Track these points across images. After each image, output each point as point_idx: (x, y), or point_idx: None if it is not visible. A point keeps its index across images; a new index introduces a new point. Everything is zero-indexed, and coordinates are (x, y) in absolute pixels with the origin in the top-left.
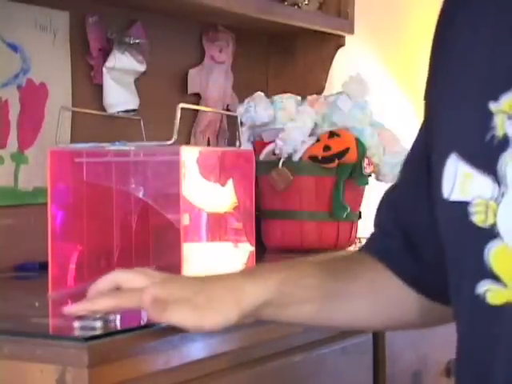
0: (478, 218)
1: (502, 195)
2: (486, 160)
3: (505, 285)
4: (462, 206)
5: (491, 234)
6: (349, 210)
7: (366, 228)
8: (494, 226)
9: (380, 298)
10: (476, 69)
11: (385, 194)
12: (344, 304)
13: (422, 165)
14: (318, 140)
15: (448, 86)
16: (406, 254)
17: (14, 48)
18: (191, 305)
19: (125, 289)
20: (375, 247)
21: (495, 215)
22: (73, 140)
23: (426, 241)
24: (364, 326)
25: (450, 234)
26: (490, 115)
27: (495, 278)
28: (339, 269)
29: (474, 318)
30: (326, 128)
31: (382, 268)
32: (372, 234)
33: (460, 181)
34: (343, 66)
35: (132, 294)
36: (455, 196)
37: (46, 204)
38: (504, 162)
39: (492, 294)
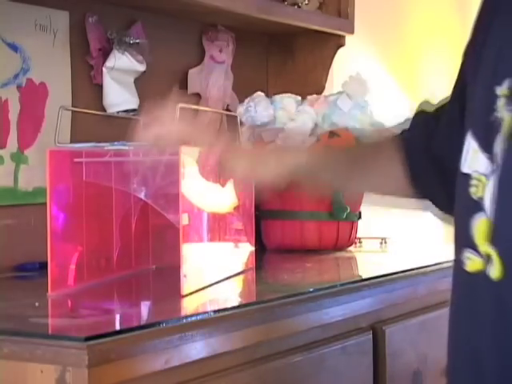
0: (472, 190)
1: (492, 173)
2: (486, 139)
3: (480, 254)
4: (467, 178)
5: (479, 206)
6: (349, 210)
7: (366, 228)
8: (481, 199)
9: (385, 185)
10: (493, 55)
11: (426, 113)
12: (356, 181)
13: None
14: (317, 140)
15: (480, 62)
16: (424, 163)
17: (14, 48)
18: (247, 159)
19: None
20: (403, 140)
21: (483, 190)
22: (72, 140)
23: (444, 164)
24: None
25: (456, 202)
26: (495, 98)
27: (475, 248)
28: (361, 157)
29: (457, 284)
30: (326, 128)
31: (399, 164)
32: (412, 123)
33: (470, 156)
34: (343, 66)
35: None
36: (465, 169)
37: (45, 204)
38: (497, 142)
39: (469, 261)
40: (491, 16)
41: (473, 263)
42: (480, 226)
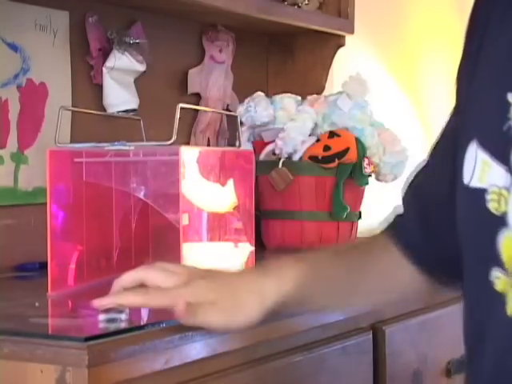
0: (492, 205)
1: None
2: (501, 149)
3: (507, 272)
4: (480, 193)
5: (503, 221)
6: (349, 209)
7: (366, 228)
8: (505, 214)
9: (392, 287)
10: (499, 60)
11: (415, 173)
12: (358, 297)
13: (448, 148)
14: (318, 140)
15: (476, 74)
16: (421, 236)
17: (14, 48)
18: (218, 308)
19: (150, 286)
20: (393, 230)
21: (506, 204)
22: (73, 140)
23: (442, 225)
24: (373, 305)
25: (468, 219)
26: (507, 106)
27: (502, 265)
28: (355, 262)
29: (485, 304)
30: (326, 128)
31: (397, 254)
32: (396, 215)
33: (479, 168)
34: (343, 66)
35: (160, 294)
36: (475, 183)
37: (45, 204)
38: None
39: (499, 281)
40: (485, 22)
41: (502, 282)
42: (508, 243)
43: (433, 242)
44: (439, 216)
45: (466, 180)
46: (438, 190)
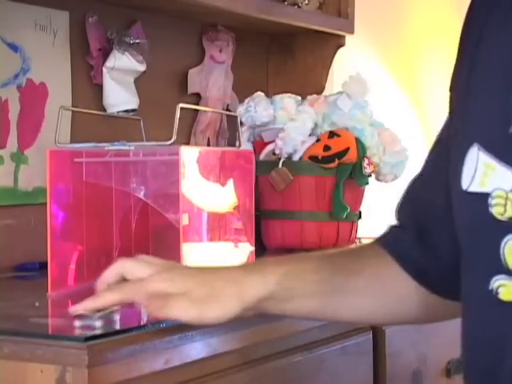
0: (496, 210)
1: None
2: (507, 152)
3: None
4: (482, 198)
5: (509, 227)
6: (349, 209)
7: (366, 228)
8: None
9: (384, 293)
10: (501, 62)
11: (408, 184)
12: (346, 299)
13: (444, 158)
14: (318, 140)
15: (473, 79)
16: (417, 248)
17: (14, 48)
18: (191, 298)
19: (129, 280)
20: (387, 239)
21: None
22: (73, 140)
23: (439, 235)
24: (366, 320)
25: (467, 226)
26: None
27: (509, 273)
28: (343, 263)
29: (485, 314)
30: (326, 128)
31: (390, 261)
32: (390, 226)
33: (480, 172)
34: (343, 66)
35: (134, 287)
36: (474, 187)
37: (45, 204)
38: None
39: (504, 289)
40: (486, 15)
41: (509, 291)
42: None
43: (431, 256)
44: (436, 227)
45: (464, 185)
46: (433, 200)
